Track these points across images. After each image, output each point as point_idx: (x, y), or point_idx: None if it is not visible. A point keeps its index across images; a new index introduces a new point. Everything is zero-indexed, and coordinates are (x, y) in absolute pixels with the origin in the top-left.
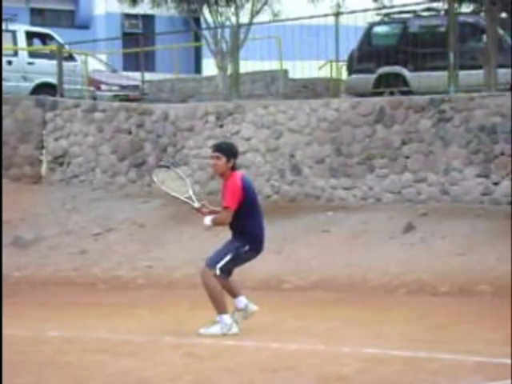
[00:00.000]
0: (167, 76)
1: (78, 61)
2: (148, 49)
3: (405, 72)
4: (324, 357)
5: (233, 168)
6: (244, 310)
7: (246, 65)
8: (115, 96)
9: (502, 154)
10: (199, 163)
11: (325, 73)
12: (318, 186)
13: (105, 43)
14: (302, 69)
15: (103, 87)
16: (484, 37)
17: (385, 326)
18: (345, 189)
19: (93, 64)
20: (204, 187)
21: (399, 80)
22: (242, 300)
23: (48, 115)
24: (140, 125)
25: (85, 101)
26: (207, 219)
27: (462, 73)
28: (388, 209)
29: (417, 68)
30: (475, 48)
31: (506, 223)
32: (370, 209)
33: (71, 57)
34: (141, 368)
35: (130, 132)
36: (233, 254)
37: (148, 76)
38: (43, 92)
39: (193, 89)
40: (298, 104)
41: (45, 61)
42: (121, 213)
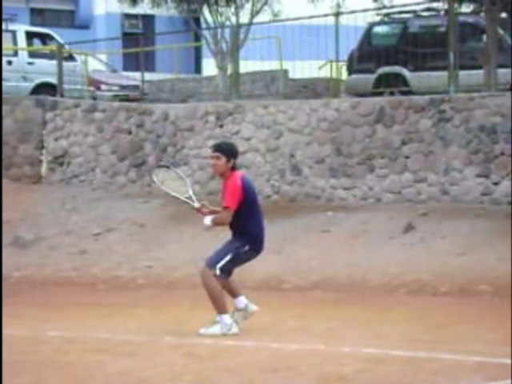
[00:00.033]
0: (167, 76)
1: (78, 61)
2: (148, 49)
3: (405, 72)
4: (324, 357)
5: (233, 168)
6: (244, 310)
7: (246, 65)
8: (115, 96)
9: (502, 154)
10: (199, 163)
11: (325, 73)
12: (318, 186)
13: (105, 43)
14: (302, 69)
15: (103, 87)
16: (484, 37)
17: (385, 326)
18: (345, 189)
19: (93, 64)
20: (204, 187)
21: (399, 80)
22: (242, 300)
23: (48, 115)
24: (140, 125)
25: (85, 101)
26: (207, 219)
27: (462, 73)
28: (388, 209)
29: (417, 68)
30: (475, 48)
31: (506, 223)
32: (370, 209)
33: (71, 57)
34: (141, 368)
35: (130, 132)
36: (233, 254)
37: (148, 76)
38: (43, 92)
39: (193, 89)
40: (298, 104)
41: (45, 61)
42: (121, 213)
